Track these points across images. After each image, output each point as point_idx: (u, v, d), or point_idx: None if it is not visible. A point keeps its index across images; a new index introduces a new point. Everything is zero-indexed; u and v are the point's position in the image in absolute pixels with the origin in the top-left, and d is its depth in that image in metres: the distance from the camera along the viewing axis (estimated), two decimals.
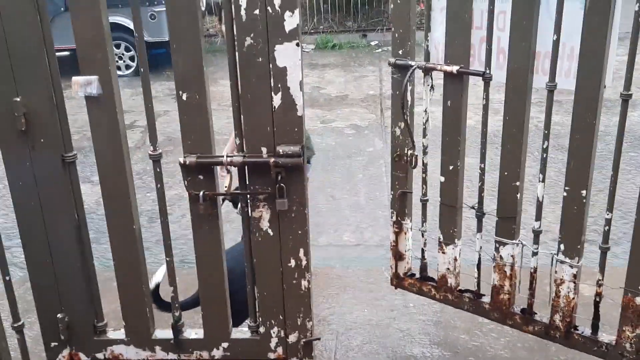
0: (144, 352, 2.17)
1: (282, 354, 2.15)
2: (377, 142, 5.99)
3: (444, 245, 2.87)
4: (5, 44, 1.81)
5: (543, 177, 2.54)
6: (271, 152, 1.90)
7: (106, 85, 1.87)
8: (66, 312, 2.12)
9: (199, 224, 2.02)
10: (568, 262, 2.50)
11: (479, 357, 2.87)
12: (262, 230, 2.01)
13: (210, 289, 2.11)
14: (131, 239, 2.05)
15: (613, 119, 2.45)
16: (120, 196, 2.00)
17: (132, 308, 2.14)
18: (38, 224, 2.01)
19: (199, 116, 1.91)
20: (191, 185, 1.96)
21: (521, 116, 2.49)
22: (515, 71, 2.45)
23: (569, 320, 2.57)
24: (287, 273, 2.05)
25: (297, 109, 1.87)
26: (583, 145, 2.35)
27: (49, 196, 1.98)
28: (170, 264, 2.10)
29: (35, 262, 2.07)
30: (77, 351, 2.18)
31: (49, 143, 1.92)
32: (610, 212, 2.41)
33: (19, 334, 2.13)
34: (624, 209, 4.06)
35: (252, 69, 1.84)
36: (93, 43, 1.83)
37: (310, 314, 2.10)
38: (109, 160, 1.96)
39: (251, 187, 1.97)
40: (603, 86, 2.28)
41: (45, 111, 1.89)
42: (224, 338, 2.15)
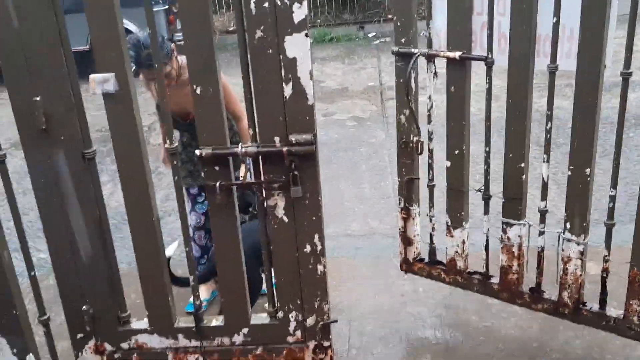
0: (167, 340, 2.24)
1: (300, 337, 2.21)
2: (379, 132, 6.03)
3: (452, 229, 2.93)
4: (22, 45, 1.87)
5: (547, 158, 2.60)
6: (284, 141, 1.96)
7: (122, 81, 1.93)
8: (90, 304, 2.18)
9: (217, 214, 2.08)
10: (575, 239, 2.56)
11: (489, 337, 2.94)
12: (278, 217, 2.07)
13: (229, 276, 2.17)
14: (151, 230, 2.11)
15: (612, 101, 2.51)
16: (139, 189, 2.06)
17: (154, 298, 2.20)
18: (61, 220, 2.07)
19: (213, 109, 1.97)
20: (208, 176, 2.02)
21: (524, 99, 2.55)
22: (517, 55, 2.51)
23: (577, 296, 2.64)
24: (303, 258, 2.11)
25: (307, 98, 1.93)
26: (586, 125, 2.41)
27: (70, 192, 2.04)
28: (188, 254, 2.16)
29: (59, 256, 2.13)
30: (103, 342, 2.24)
31: (68, 140, 1.98)
32: (614, 189, 2.47)
33: (46, 327, 2.19)
34: (628, 190, 4.12)
35: (263, 61, 1.89)
36: (109, 42, 1.88)
37: (326, 298, 2.16)
38: (128, 155, 2.02)
39: (265, 176, 2.02)
40: (603, 66, 2.34)
41: (64, 109, 1.95)
42: (244, 324, 2.22)
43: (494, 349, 2.84)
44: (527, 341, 2.88)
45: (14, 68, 1.90)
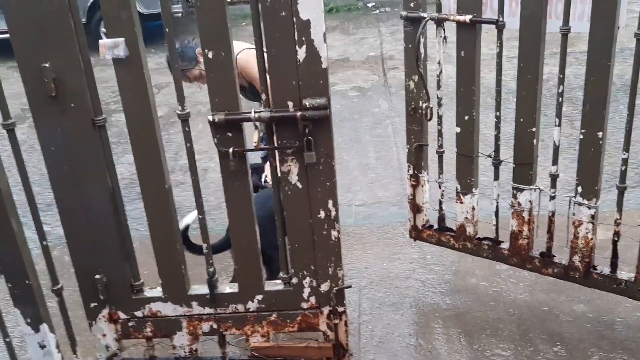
0: (181, 308, 2.24)
1: (315, 303, 2.22)
2: (381, 102, 6.00)
3: (461, 195, 2.92)
4: (32, 11, 1.83)
5: (559, 122, 2.59)
6: (297, 105, 1.94)
7: (132, 46, 1.89)
8: (104, 273, 2.18)
9: (230, 181, 2.07)
10: (586, 203, 2.56)
11: (499, 301, 2.96)
12: (291, 183, 2.05)
13: (243, 243, 2.16)
14: (164, 197, 2.10)
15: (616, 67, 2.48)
16: (151, 155, 2.04)
17: (168, 265, 2.19)
18: (72, 188, 2.05)
19: (226, 74, 1.93)
20: (221, 142, 2.00)
21: (535, 62, 2.52)
22: (528, 17, 2.47)
23: (588, 260, 2.65)
24: (317, 224, 2.10)
25: (321, 62, 1.90)
26: (598, 87, 2.38)
27: (81, 160, 2.02)
28: (202, 221, 2.15)
29: (72, 225, 2.12)
30: (116, 310, 2.25)
31: (78, 107, 1.95)
32: (627, 152, 2.46)
33: (59, 297, 2.20)
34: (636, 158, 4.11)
35: (276, 23, 1.86)
36: (119, 5, 1.84)
37: (340, 263, 2.16)
38: (139, 121, 2.00)
39: (279, 141, 2.00)
40: (617, 27, 2.31)
41: (74, 76, 1.91)
42: (258, 290, 2.22)
43: (504, 313, 2.86)
44: (537, 305, 2.89)
45: (22, 34, 1.86)
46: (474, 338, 2.73)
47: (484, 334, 2.74)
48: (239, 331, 2.27)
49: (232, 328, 2.26)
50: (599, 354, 2.54)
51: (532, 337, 2.69)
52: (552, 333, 2.70)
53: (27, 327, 2.15)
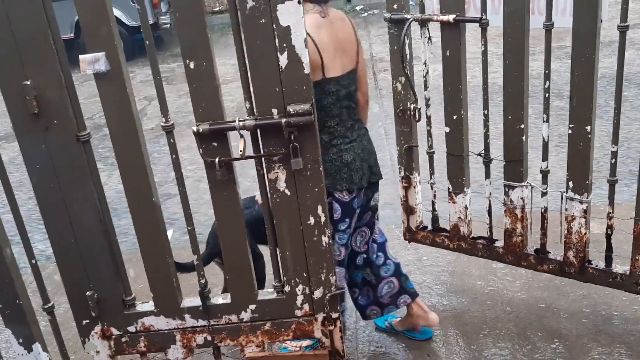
0: (174, 321, 2.22)
1: (308, 310, 2.20)
2: (373, 105, 5.99)
3: (454, 195, 2.92)
4: (10, 29, 1.82)
5: (547, 117, 2.58)
6: (282, 112, 1.92)
7: (113, 60, 1.88)
8: (95, 289, 2.16)
9: (217, 191, 2.05)
10: (578, 198, 2.55)
11: (496, 300, 2.94)
12: (280, 191, 2.04)
13: (233, 253, 2.15)
14: (152, 211, 2.08)
15: (604, 60, 2.48)
16: (137, 169, 2.02)
17: (159, 279, 2.17)
18: (59, 205, 2.03)
19: (208, 83, 1.92)
20: (206, 152, 1.99)
21: (521, 58, 2.51)
22: (511, 14, 2.47)
23: (583, 255, 2.64)
24: (307, 231, 2.08)
25: (303, 67, 1.89)
26: (584, 81, 2.38)
27: (66, 176, 2.00)
28: (192, 232, 2.14)
29: (60, 242, 2.09)
30: (109, 326, 2.22)
31: (62, 123, 1.94)
32: (616, 145, 2.45)
33: (50, 315, 2.18)
34: (624, 149, 4.11)
35: (256, 30, 1.85)
36: (97, 19, 1.83)
37: (332, 269, 2.14)
38: (123, 135, 1.98)
39: (265, 149, 1.99)
40: (600, 20, 2.31)
41: (55, 92, 1.90)
42: (251, 300, 2.20)
43: (502, 312, 2.85)
44: (534, 302, 2.88)
45: (2, 53, 1.85)
46: (471, 338, 2.71)
47: (481, 333, 2.73)
48: (233, 342, 2.25)
49: (226, 339, 2.24)
50: (598, 349, 2.53)
51: (529, 334, 2.68)
52: (550, 330, 2.68)
53: (19, 347, 2.13)
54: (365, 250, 2.66)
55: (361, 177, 2.41)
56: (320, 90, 2.25)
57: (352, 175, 2.38)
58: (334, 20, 2.31)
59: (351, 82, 2.36)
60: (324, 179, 2.03)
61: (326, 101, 2.30)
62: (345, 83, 2.33)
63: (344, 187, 2.38)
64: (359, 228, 2.61)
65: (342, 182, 2.37)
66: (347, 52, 2.34)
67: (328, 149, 2.34)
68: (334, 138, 2.35)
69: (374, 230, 2.66)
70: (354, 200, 2.42)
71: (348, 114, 2.38)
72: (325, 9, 2.29)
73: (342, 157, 2.36)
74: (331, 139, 2.35)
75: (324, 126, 2.32)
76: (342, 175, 2.37)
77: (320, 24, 2.26)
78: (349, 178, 2.37)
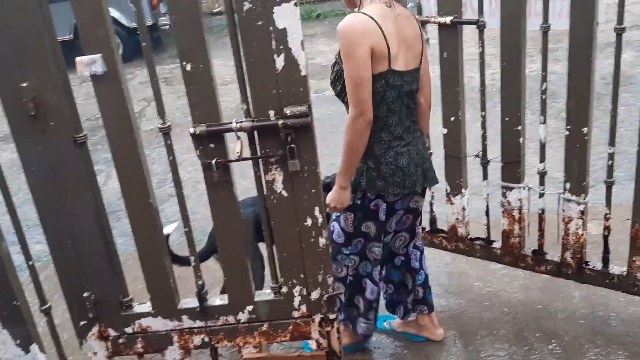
0: (171, 322, 2.22)
1: (306, 311, 2.20)
2: None
3: (451, 197, 2.92)
4: (7, 31, 1.82)
5: (544, 119, 2.59)
6: (279, 114, 1.93)
7: (110, 62, 1.89)
8: (92, 291, 2.16)
9: (214, 192, 2.05)
10: (575, 199, 2.56)
11: (494, 301, 2.95)
12: (277, 192, 2.04)
13: (231, 254, 2.15)
14: (149, 212, 2.08)
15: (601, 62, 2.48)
16: (134, 171, 2.02)
17: (156, 280, 2.18)
18: (56, 207, 2.03)
19: (205, 85, 1.92)
20: (203, 154, 1.99)
21: (518, 60, 2.52)
22: (508, 16, 2.48)
23: (580, 256, 2.64)
24: (304, 232, 2.09)
25: (300, 69, 1.89)
26: (581, 83, 2.39)
27: (64, 178, 2.00)
28: (189, 234, 2.14)
29: (57, 244, 2.10)
30: (106, 327, 2.22)
31: (58, 125, 1.94)
32: (613, 146, 2.46)
33: (47, 316, 2.18)
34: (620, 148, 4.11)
35: (253, 33, 1.85)
36: (94, 21, 1.83)
37: (329, 270, 2.14)
38: (120, 136, 1.98)
39: (262, 151, 1.99)
40: (596, 23, 2.31)
41: (52, 94, 1.90)
42: (248, 301, 2.20)
43: (499, 313, 2.85)
44: (532, 304, 2.88)
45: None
46: (469, 340, 2.71)
47: (479, 334, 2.73)
48: (230, 343, 2.25)
49: (223, 340, 2.24)
50: (594, 350, 2.53)
51: (527, 336, 2.68)
52: (547, 331, 2.69)
53: (16, 348, 2.13)
54: (404, 253, 2.61)
55: (413, 182, 2.30)
56: (385, 82, 2.15)
57: (404, 180, 2.28)
58: (400, 13, 2.18)
59: (414, 80, 2.25)
60: (321, 180, 2.04)
61: (389, 95, 2.18)
62: (409, 80, 2.21)
63: (396, 191, 2.29)
64: (398, 232, 2.54)
65: (394, 187, 2.28)
66: (412, 49, 2.21)
67: (386, 151, 2.25)
68: (393, 139, 2.25)
69: (415, 235, 2.60)
70: (397, 202, 2.36)
71: (407, 113, 2.27)
72: (390, 0, 2.16)
73: (397, 160, 2.26)
74: (390, 140, 2.25)
75: (385, 123, 2.23)
76: (395, 179, 2.27)
77: (386, 14, 2.13)
78: (401, 183, 2.28)
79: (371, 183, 2.27)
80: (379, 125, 2.21)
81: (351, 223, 2.41)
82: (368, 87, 2.10)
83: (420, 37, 2.25)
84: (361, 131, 2.17)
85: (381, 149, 2.24)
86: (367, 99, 2.11)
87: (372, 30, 2.06)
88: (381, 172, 2.26)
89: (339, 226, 2.46)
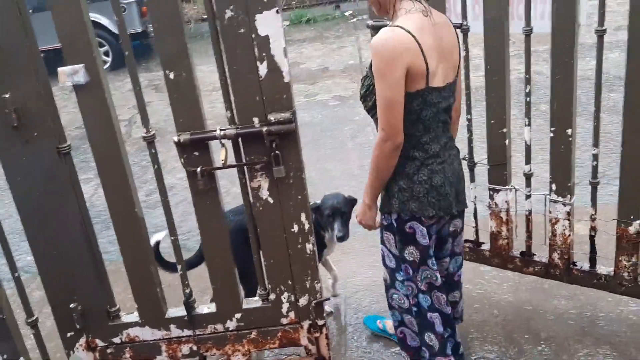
0: (159, 331, 2.22)
1: (294, 318, 2.20)
2: (362, 110, 6.00)
3: None
4: None
5: (529, 122, 2.60)
6: (263, 121, 1.93)
7: (92, 72, 1.89)
8: (79, 302, 2.15)
9: (200, 200, 2.05)
10: (561, 200, 2.57)
11: (484, 303, 2.95)
12: (262, 199, 2.04)
13: (218, 262, 2.15)
14: (134, 221, 2.08)
15: (591, 63, 2.50)
16: (118, 180, 2.03)
17: (143, 289, 2.17)
18: (41, 217, 2.03)
19: (188, 93, 1.93)
20: (188, 162, 1.99)
21: (502, 63, 2.53)
22: (491, 20, 2.49)
23: (567, 257, 2.65)
24: (291, 238, 2.09)
25: (283, 76, 1.90)
26: (564, 85, 2.40)
27: (48, 188, 2.00)
28: (175, 242, 2.14)
29: (43, 255, 2.09)
30: (94, 338, 2.22)
31: (42, 136, 1.94)
32: (597, 147, 2.47)
33: (34, 329, 2.17)
34: (607, 149, 4.14)
35: (235, 40, 1.86)
36: (75, 32, 1.84)
37: (317, 276, 2.15)
38: (104, 146, 1.99)
39: (247, 158, 2.00)
40: (578, 24, 2.33)
41: (35, 105, 1.90)
42: (236, 309, 2.20)
43: (489, 315, 2.85)
44: (521, 305, 2.89)
45: None
46: None
47: (469, 337, 2.73)
48: (219, 351, 2.25)
49: (212, 348, 2.24)
50: (583, 350, 2.54)
51: (516, 337, 2.68)
52: (537, 332, 2.69)
53: None
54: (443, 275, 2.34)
55: (450, 204, 2.09)
56: (422, 100, 1.95)
57: (440, 201, 2.06)
58: (437, 22, 1.98)
59: (450, 94, 2.06)
60: (306, 186, 2.04)
61: (426, 113, 1.98)
62: (446, 95, 2.02)
63: (431, 213, 2.06)
64: (439, 259, 2.30)
65: (429, 208, 2.06)
66: (450, 61, 2.02)
67: (419, 169, 2.04)
68: (428, 157, 2.04)
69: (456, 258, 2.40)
70: (432, 226, 2.13)
71: (444, 130, 2.08)
72: (427, 8, 1.97)
73: (432, 179, 2.04)
74: (425, 158, 2.04)
75: (418, 142, 2.03)
76: (431, 199, 2.05)
77: (424, 25, 1.92)
78: (437, 204, 2.06)
79: (404, 204, 2.07)
80: (412, 143, 2.02)
81: (394, 245, 2.20)
82: (400, 110, 1.92)
83: (457, 46, 2.07)
84: (389, 154, 2.00)
85: (414, 167, 2.04)
86: (397, 122, 1.93)
87: (409, 47, 1.86)
88: (414, 192, 2.05)
89: (387, 249, 2.25)
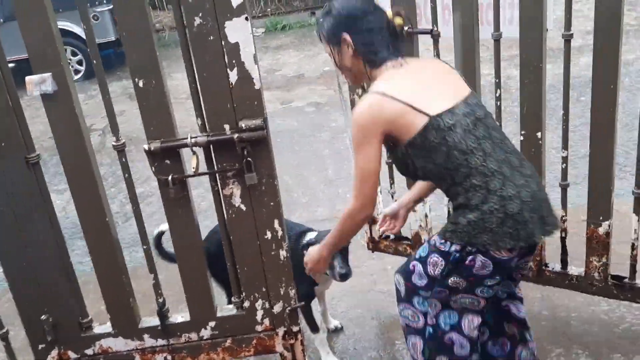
0: (132, 342, 2.19)
1: (269, 325, 2.19)
2: (338, 117, 6.03)
3: None
4: None
5: (499, 125, 2.63)
6: (234, 128, 1.93)
7: (60, 81, 1.87)
8: (50, 313, 2.12)
9: (172, 209, 2.04)
10: None
11: None
12: (235, 206, 2.04)
13: (191, 270, 2.13)
14: (105, 231, 2.06)
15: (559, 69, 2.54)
16: (88, 190, 2.00)
17: (115, 300, 2.15)
18: (11, 229, 2.00)
19: (158, 101, 1.92)
20: (159, 170, 1.98)
21: (472, 68, 2.56)
22: (461, 25, 2.52)
23: (539, 258, 2.69)
24: (264, 245, 2.09)
25: (254, 83, 1.90)
26: (533, 89, 2.43)
27: (18, 199, 1.98)
28: (147, 252, 2.12)
29: (13, 266, 2.06)
30: (66, 350, 2.19)
31: (10, 146, 1.92)
32: (566, 150, 2.51)
33: (4, 341, 2.14)
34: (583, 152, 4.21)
35: (205, 48, 1.85)
36: (43, 40, 1.82)
37: (291, 283, 2.15)
38: (74, 156, 1.96)
39: (218, 165, 1.99)
40: (545, 29, 2.37)
41: (3, 115, 1.88)
42: (210, 318, 2.19)
43: None
44: None
45: None
46: None
47: None
48: None
49: (186, 358, 2.23)
50: (557, 350, 2.57)
51: None
52: None
53: None
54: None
55: (531, 232, 1.83)
56: (435, 130, 1.82)
57: (518, 230, 1.81)
58: (411, 62, 1.99)
59: (474, 108, 1.91)
60: (279, 193, 2.04)
61: (451, 137, 1.82)
62: (467, 111, 1.87)
63: (507, 245, 1.82)
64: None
65: (505, 239, 1.82)
66: (447, 81, 1.96)
67: (486, 197, 1.82)
68: (489, 178, 1.82)
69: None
70: (513, 259, 1.87)
71: (493, 144, 1.87)
72: (400, 61, 1.96)
73: (505, 206, 1.81)
74: (487, 182, 1.82)
75: (468, 166, 1.83)
76: (506, 229, 1.81)
77: (392, 75, 1.93)
78: (514, 234, 1.81)
79: (474, 238, 1.83)
80: (462, 174, 1.83)
81: (439, 271, 1.94)
82: (376, 180, 1.89)
83: (450, 68, 2.04)
84: (360, 223, 1.98)
85: (479, 197, 1.82)
86: (373, 192, 1.91)
87: (383, 107, 1.83)
88: (486, 222, 1.81)
89: (423, 270, 1.99)
